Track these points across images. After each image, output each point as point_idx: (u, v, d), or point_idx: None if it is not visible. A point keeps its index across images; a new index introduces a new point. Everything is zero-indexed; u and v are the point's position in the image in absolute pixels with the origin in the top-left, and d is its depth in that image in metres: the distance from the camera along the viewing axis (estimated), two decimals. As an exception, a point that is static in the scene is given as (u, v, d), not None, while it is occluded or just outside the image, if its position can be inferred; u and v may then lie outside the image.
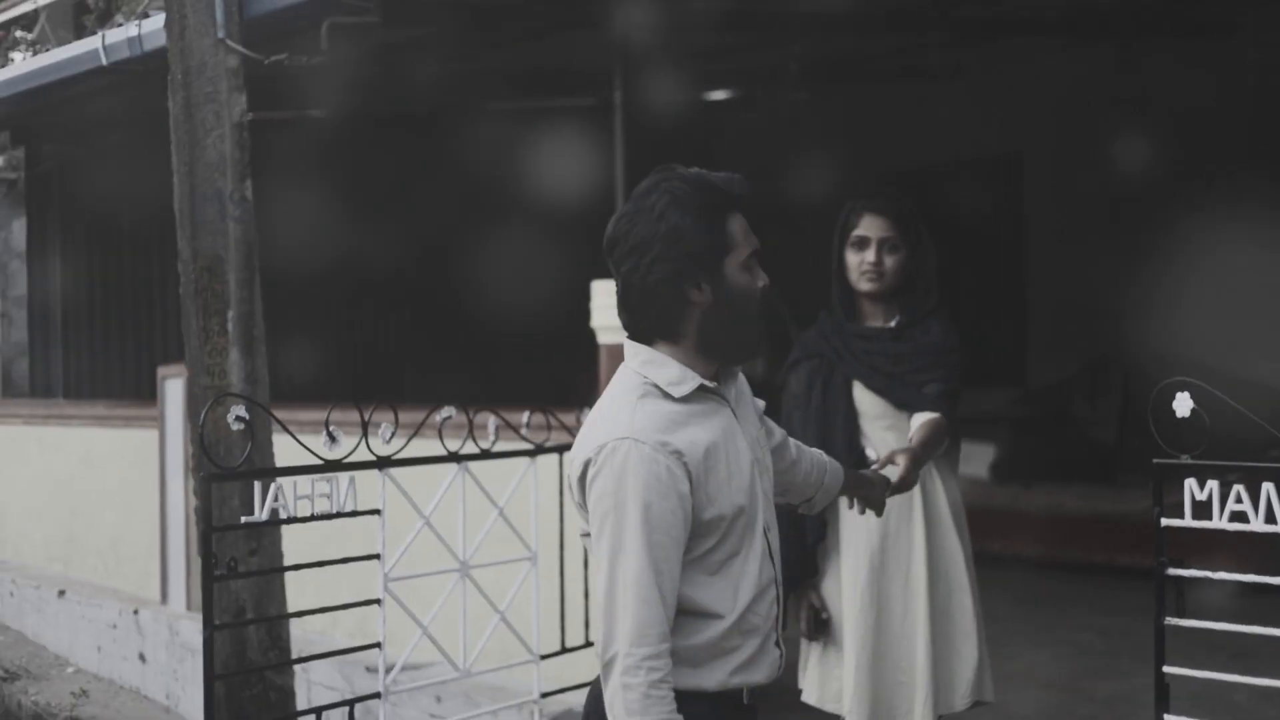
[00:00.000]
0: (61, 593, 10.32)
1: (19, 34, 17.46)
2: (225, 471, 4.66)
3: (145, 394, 9.91)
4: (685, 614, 2.87)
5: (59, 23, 17.41)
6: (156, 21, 7.86)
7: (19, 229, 12.81)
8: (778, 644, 3.02)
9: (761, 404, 3.27)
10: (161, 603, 9.21)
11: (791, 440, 3.48)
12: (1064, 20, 9.37)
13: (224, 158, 6.61)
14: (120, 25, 10.72)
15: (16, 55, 17.67)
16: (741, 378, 3.16)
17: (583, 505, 2.91)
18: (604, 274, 6.87)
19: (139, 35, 8.08)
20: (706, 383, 2.94)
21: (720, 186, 2.91)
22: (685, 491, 2.84)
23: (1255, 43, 9.50)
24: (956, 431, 4.45)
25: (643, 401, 2.89)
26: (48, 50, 12.45)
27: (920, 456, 4.12)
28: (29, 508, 11.34)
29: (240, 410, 4.21)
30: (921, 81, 10.89)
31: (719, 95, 11.28)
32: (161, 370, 9.18)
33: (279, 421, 4.44)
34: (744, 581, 2.94)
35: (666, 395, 2.91)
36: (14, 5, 18.02)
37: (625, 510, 2.80)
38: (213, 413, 6.12)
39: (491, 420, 5.07)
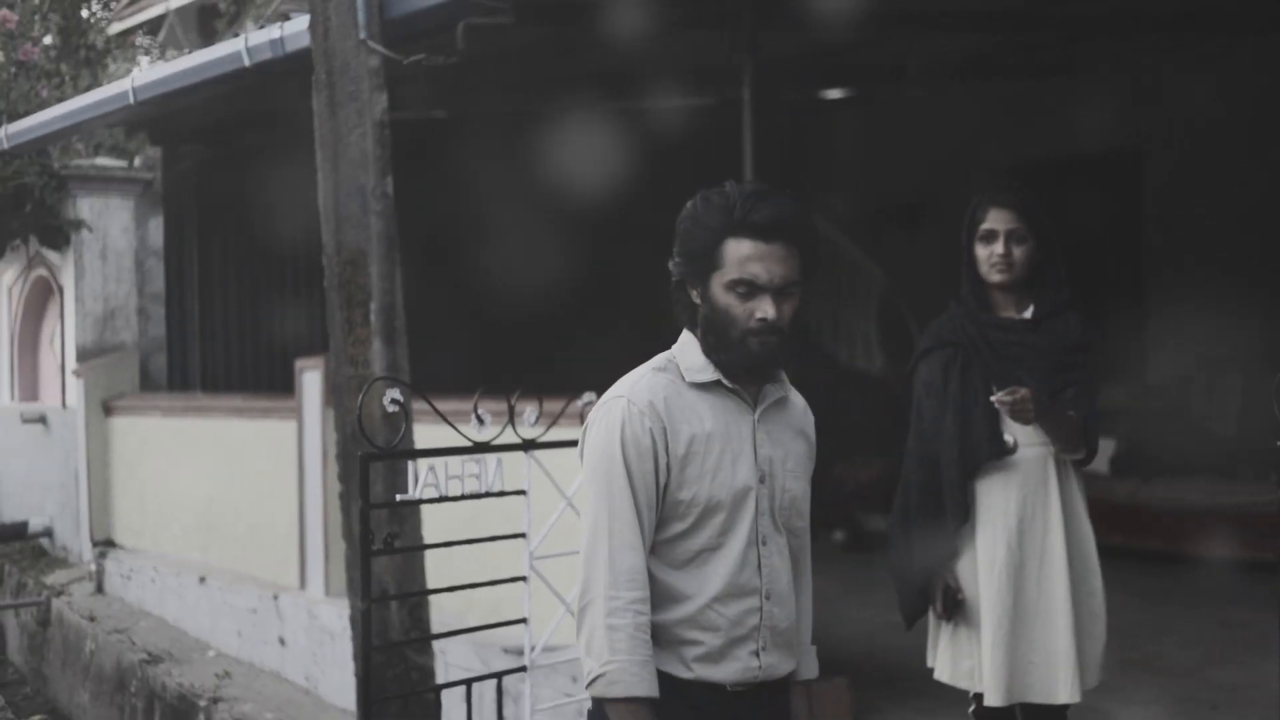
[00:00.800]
0: (202, 579, 10.64)
1: (141, 39, 17.89)
2: (383, 451, 4.87)
3: (280, 386, 10.18)
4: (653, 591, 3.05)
5: (186, 27, 17.83)
6: (298, 24, 8.10)
7: (156, 227, 13.19)
8: (756, 654, 3.11)
9: (808, 441, 3.30)
10: (300, 588, 9.46)
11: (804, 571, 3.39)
12: (1183, 14, 9.37)
13: (366, 155, 6.83)
14: (249, 28, 11.04)
15: (144, 59, 18.09)
16: (793, 400, 3.28)
17: (581, 458, 3.16)
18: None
19: (281, 37, 8.32)
20: (724, 380, 3.11)
21: (725, 209, 3.03)
22: (662, 461, 3.05)
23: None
24: (1096, 432, 4.51)
25: (656, 374, 3.12)
26: (181, 54, 12.81)
27: (1046, 410, 4.33)
28: (169, 498, 11.66)
29: (395, 394, 4.42)
30: (1039, 77, 10.91)
31: (838, 93, 11.36)
32: (299, 363, 9.43)
33: (431, 405, 4.63)
34: (711, 579, 3.08)
35: (683, 377, 3.12)
36: (140, 10, 18.48)
37: (613, 463, 3.04)
38: (355, 401, 6.35)
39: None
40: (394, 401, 4.41)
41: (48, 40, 14.73)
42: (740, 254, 3.01)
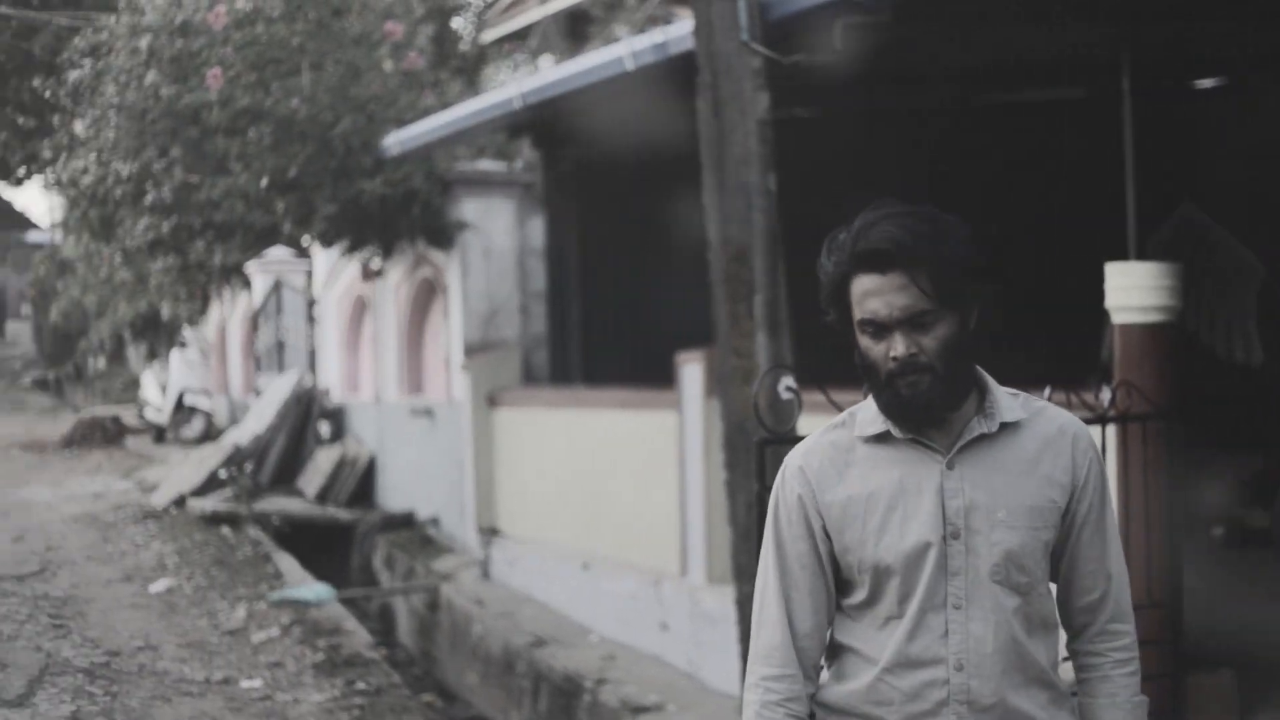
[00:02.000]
0: (584, 566, 11.16)
1: (513, 47, 18.66)
2: (778, 436, 5.13)
3: (660, 380, 10.60)
4: (845, 653, 2.95)
5: (556, 34, 18.54)
6: (680, 28, 8.47)
7: (536, 228, 13.83)
8: None
9: (1047, 478, 2.90)
10: (681, 575, 9.85)
11: (1107, 592, 3.00)
12: None
13: (749, 153, 7.14)
14: (621, 34, 11.50)
15: (516, 67, 18.88)
16: (1030, 430, 2.91)
17: None
18: (1118, 256, 7.08)
19: (664, 41, 8.70)
20: (895, 431, 2.86)
21: (845, 246, 2.81)
22: (816, 525, 2.90)
23: None
24: None
25: (826, 432, 2.96)
26: (554, 61, 13.40)
27: None
28: (552, 488, 12.23)
29: (789, 381, 4.69)
30: None
31: (1208, 83, 11.18)
32: (680, 357, 9.81)
33: (825, 393, 4.87)
34: (885, 647, 2.88)
35: (860, 432, 2.91)
36: (512, 18, 19.27)
37: (769, 530, 2.97)
38: (740, 391, 6.66)
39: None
40: (788, 389, 4.68)
41: (422, 47, 15.55)
42: (860, 290, 2.79)
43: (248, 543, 14.89)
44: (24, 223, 72.79)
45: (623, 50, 9.15)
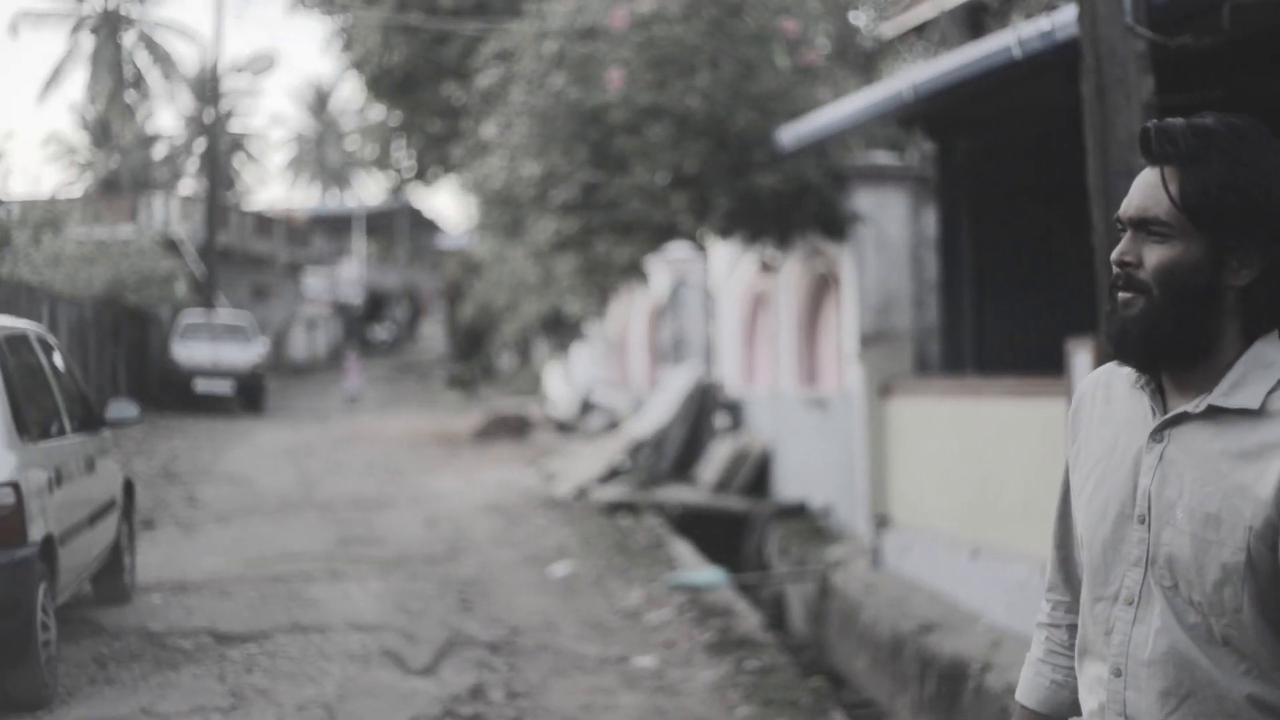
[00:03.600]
0: (974, 554, 11.39)
1: (912, 42, 18.86)
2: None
3: (1051, 367, 10.73)
4: None
5: (955, 26, 18.68)
6: (1066, 14, 8.65)
7: (929, 219, 14.09)
8: None
9: (1258, 489, 2.36)
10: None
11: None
12: None
13: (1133, 136, 7.29)
14: (1018, 21, 11.65)
15: (914, 61, 19.08)
16: (1246, 436, 2.39)
17: None
18: None
19: (1051, 29, 8.89)
20: (1138, 377, 2.51)
21: None
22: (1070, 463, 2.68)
23: None
24: None
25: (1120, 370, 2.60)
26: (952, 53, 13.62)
27: None
28: (941, 475, 12.50)
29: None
30: None
31: None
32: (1070, 343, 9.95)
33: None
34: (1085, 632, 2.61)
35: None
36: (911, 11, 19.48)
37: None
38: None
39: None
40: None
41: (820, 44, 15.96)
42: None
43: (645, 530, 15.57)
44: (435, 227, 76.48)
45: (1010, 39, 9.37)
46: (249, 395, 31.74)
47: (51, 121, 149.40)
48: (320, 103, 78.87)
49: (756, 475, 16.97)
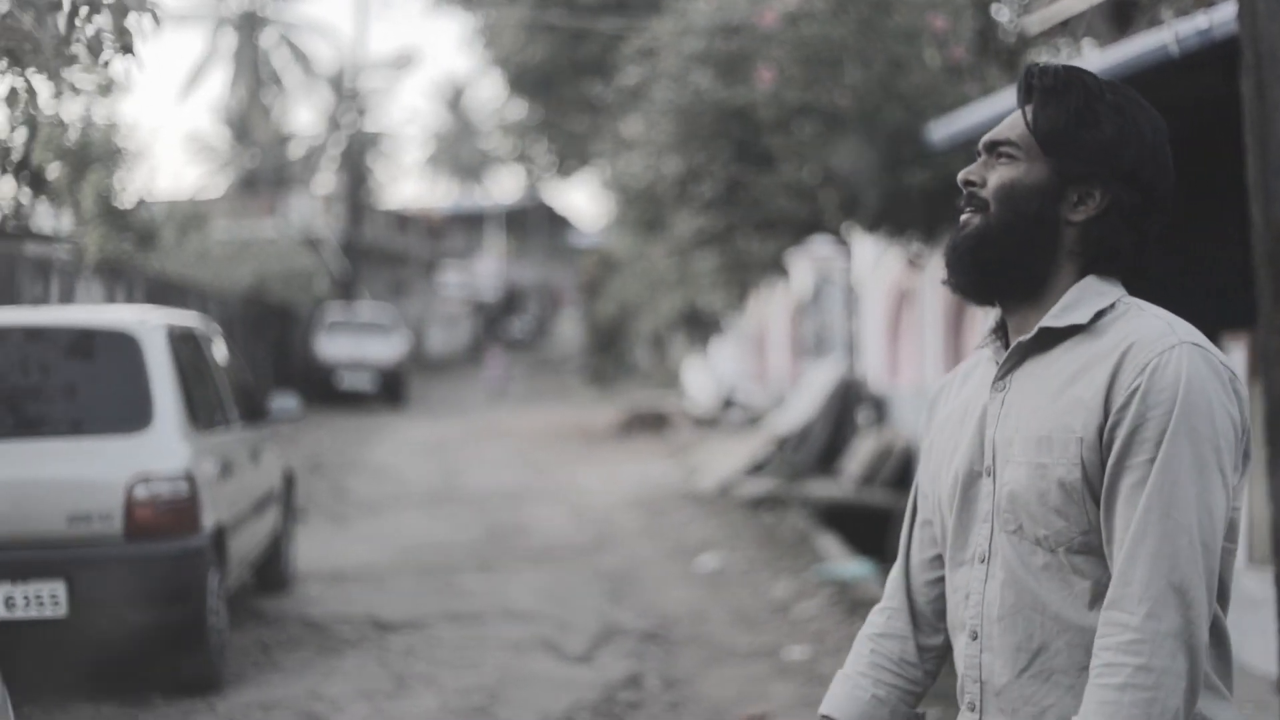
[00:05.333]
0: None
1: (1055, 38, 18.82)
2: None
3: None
4: None
5: (1101, 21, 18.63)
6: (1223, 12, 8.69)
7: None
8: (974, 710, 2.49)
9: (1080, 402, 2.38)
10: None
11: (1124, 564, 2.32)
12: None
13: (1293, 134, 7.36)
14: (1169, 17, 11.65)
15: (1058, 54, 19.01)
16: (1100, 337, 2.41)
17: None
18: None
19: (1208, 26, 8.93)
20: (985, 336, 2.58)
21: None
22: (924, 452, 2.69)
23: None
24: None
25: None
26: (1095, 50, 13.63)
27: None
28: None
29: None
30: None
31: None
32: (1225, 338, 9.97)
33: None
34: (950, 605, 2.59)
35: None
36: (1056, 3, 19.42)
37: None
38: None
39: None
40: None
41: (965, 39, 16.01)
42: None
43: (789, 524, 15.73)
44: (568, 224, 77.18)
45: (1167, 36, 9.41)
46: (391, 390, 32.32)
47: (193, 120, 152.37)
48: (456, 99, 79.81)
49: (901, 470, 17.06)
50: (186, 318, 10.17)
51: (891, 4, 14.82)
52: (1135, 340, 2.33)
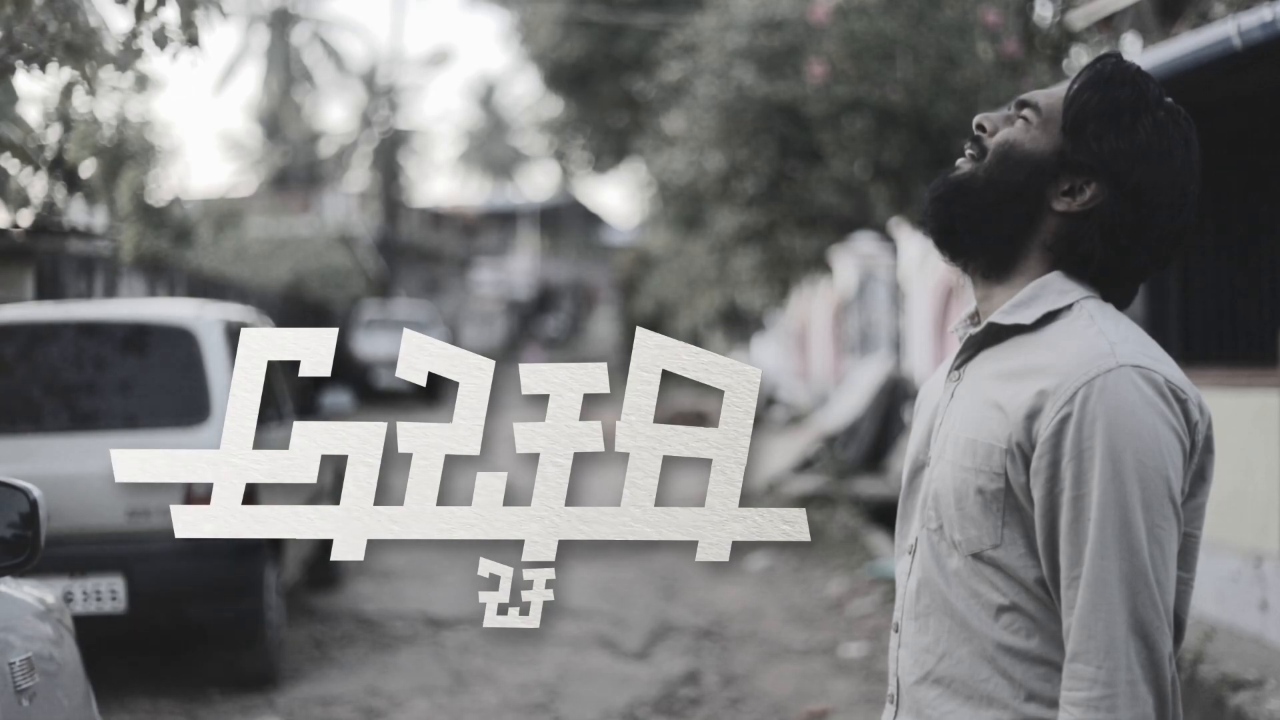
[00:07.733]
0: (1181, 547, 11.42)
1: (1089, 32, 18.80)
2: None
3: (1262, 356, 10.72)
4: None
5: (1149, 14, 18.63)
6: (1288, 3, 8.71)
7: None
8: (892, 702, 2.47)
9: (997, 407, 2.35)
10: (1282, 554, 10.05)
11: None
12: None
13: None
14: (1226, 11, 11.65)
15: (1102, 47, 19.04)
16: (1050, 338, 2.37)
17: None
18: None
19: (1272, 18, 8.94)
20: (965, 321, 2.59)
21: None
22: None
23: None
24: None
25: None
26: (1147, 42, 13.62)
27: None
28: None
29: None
30: None
31: None
32: (1283, 334, 10.01)
33: None
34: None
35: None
36: (1098, 1, 19.41)
37: None
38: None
39: None
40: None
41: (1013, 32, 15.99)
42: None
43: (839, 522, 15.76)
44: (602, 221, 77.31)
45: (1229, 28, 9.41)
46: (428, 386, 32.32)
47: (226, 117, 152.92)
48: (488, 96, 80.00)
49: (949, 469, 17.01)
50: (241, 312, 10.24)
51: (944, -1, 14.85)
52: (1071, 360, 2.28)
